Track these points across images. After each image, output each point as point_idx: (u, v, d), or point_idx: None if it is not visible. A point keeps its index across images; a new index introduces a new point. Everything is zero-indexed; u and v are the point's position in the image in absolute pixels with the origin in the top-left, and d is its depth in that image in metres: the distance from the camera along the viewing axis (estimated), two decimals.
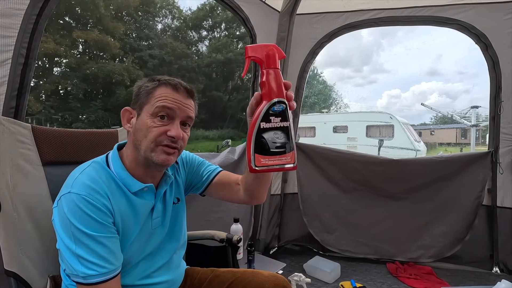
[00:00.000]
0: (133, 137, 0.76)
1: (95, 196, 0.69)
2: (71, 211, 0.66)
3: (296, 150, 0.55)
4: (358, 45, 58.53)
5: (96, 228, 0.67)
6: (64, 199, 0.68)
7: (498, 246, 2.09)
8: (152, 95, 0.75)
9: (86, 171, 0.73)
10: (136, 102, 0.77)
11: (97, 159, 0.79)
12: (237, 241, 1.13)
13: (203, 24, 22.86)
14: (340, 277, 1.98)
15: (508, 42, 1.97)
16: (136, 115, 0.77)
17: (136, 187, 0.76)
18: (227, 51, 20.77)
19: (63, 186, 0.73)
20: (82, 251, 0.65)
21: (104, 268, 0.67)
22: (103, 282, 0.67)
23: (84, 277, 0.66)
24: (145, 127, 0.73)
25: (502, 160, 2.07)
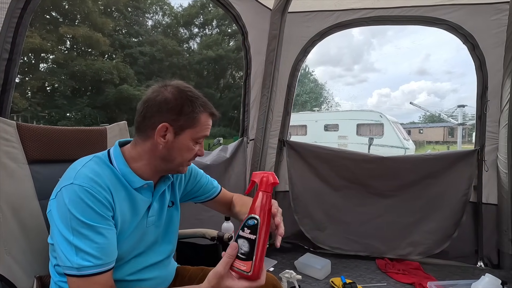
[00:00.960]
0: (165, 152, 0.78)
1: (97, 189, 0.69)
2: (72, 202, 0.66)
3: (257, 262, 0.60)
4: (349, 44, 59.06)
5: (96, 219, 0.67)
6: (65, 190, 0.68)
7: (483, 242, 2.15)
8: (197, 122, 0.78)
9: (89, 165, 0.73)
10: (176, 120, 0.76)
11: (98, 154, 0.78)
12: (228, 239, 1.13)
13: (195, 21, 22.64)
14: (331, 273, 2.00)
15: (495, 43, 2.02)
16: (174, 134, 0.77)
17: (138, 183, 0.78)
18: (218, 48, 20.65)
19: (63, 178, 0.72)
20: (79, 241, 0.65)
21: (100, 260, 0.66)
22: (97, 275, 0.66)
23: (79, 268, 0.65)
24: (185, 149, 0.79)
25: (488, 158, 2.13)
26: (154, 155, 0.78)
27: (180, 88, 0.78)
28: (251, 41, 2.15)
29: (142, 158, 0.79)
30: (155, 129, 0.75)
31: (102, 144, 1.16)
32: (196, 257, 1.15)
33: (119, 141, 0.83)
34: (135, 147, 0.80)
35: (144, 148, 0.78)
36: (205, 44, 21.51)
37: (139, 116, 0.78)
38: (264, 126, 2.27)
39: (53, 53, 16.21)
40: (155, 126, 0.75)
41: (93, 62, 16.93)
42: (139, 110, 0.78)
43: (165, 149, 0.77)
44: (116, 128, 1.23)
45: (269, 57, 2.23)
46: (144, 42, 20.31)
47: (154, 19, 22.92)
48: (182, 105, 0.76)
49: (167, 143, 0.76)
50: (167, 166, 0.80)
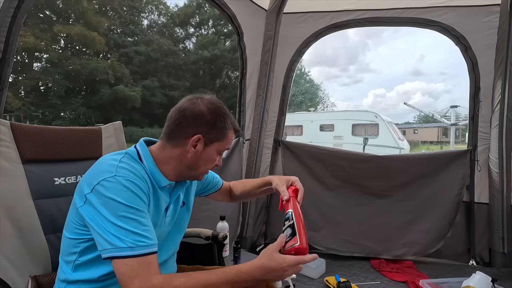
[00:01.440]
0: (193, 161, 0.82)
1: (139, 181, 0.73)
2: (118, 192, 0.68)
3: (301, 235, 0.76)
4: (344, 45, 59.36)
5: (141, 205, 0.71)
6: (107, 183, 0.69)
7: (475, 240, 2.18)
8: (226, 136, 0.83)
9: (125, 161, 0.76)
10: (208, 133, 0.80)
11: (128, 151, 0.82)
12: (223, 239, 1.14)
13: (190, 21, 22.58)
14: (325, 272, 2.02)
15: (486, 44, 2.06)
16: (203, 145, 0.81)
17: (164, 182, 0.81)
18: (214, 48, 20.61)
19: (97, 173, 0.73)
20: (129, 225, 0.67)
21: (151, 240, 0.69)
22: (150, 254, 0.67)
23: (133, 247, 0.65)
24: (210, 160, 0.84)
25: (480, 158, 2.16)
26: (181, 162, 0.82)
27: (215, 104, 0.82)
28: (246, 42, 2.16)
29: (169, 162, 0.82)
30: (188, 139, 0.79)
31: (97, 144, 1.16)
32: (191, 256, 1.15)
33: (144, 139, 0.87)
34: (163, 151, 0.82)
35: (172, 154, 0.81)
36: (201, 44, 21.46)
37: (173, 124, 0.80)
38: (259, 126, 2.28)
39: (47, 52, 16.04)
40: (188, 136, 0.79)
41: (87, 61, 16.80)
42: (172, 118, 0.81)
43: (193, 158, 0.81)
44: (111, 128, 1.22)
45: (264, 57, 2.24)
46: (139, 41, 20.20)
47: (149, 18, 22.82)
48: (216, 120, 0.80)
49: (196, 153, 0.81)
50: (189, 173, 0.85)
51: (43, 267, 0.91)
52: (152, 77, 19.51)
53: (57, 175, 0.99)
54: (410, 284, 1.86)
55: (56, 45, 17.11)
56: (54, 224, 0.95)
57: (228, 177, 2.16)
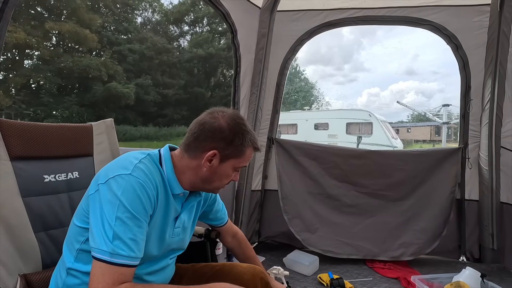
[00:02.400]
0: (208, 175, 0.82)
1: (150, 186, 0.74)
2: (125, 191, 0.70)
3: None
4: (339, 43, 59.65)
5: (141, 213, 0.71)
6: (120, 179, 0.71)
7: (465, 237, 2.22)
8: (243, 154, 0.82)
9: (144, 162, 0.77)
10: (224, 149, 0.80)
11: (151, 153, 0.82)
12: (216, 236, 1.14)
13: (185, 19, 22.42)
14: (318, 269, 2.03)
15: (477, 44, 2.08)
16: (219, 160, 0.80)
17: (178, 190, 0.82)
18: (208, 46, 20.50)
19: (115, 166, 0.75)
20: (120, 229, 0.67)
21: (133, 252, 0.69)
22: (126, 266, 0.68)
23: (113, 254, 0.66)
24: (225, 176, 0.84)
25: (471, 156, 2.19)
26: (196, 174, 0.82)
27: (236, 121, 0.81)
28: (240, 39, 2.15)
29: (186, 172, 0.83)
30: (204, 153, 0.79)
31: (88, 141, 1.15)
32: (184, 254, 1.14)
33: (169, 145, 0.88)
34: (181, 160, 0.83)
35: (189, 165, 0.82)
36: (195, 42, 21.34)
37: (192, 136, 0.81)
38: (253, 124, 2.27)
39: (39, 49, 15.78)
40: (205, 150, 0.79)
41: (80, 59, 16.57)
42: (192, 130, 0.81)
43: (208, 172, 0.81)
44: (103, 125, 1.21)
45: (258, 55, 2.23)
46: (133, 39, 20.00)
47: (143, 16, 22.61)
48: (234, 137, 0.80)
49: (211, 168, 0.81)
50: (204, 186, 0.86)
51: (33, 266, 0.89)
52: (145, 75, 19.35)
53: (47, 172, 0.98)
54: (402, 280, 1.88)
55: (48, 42, 16.85)
56: (44, 222, 0.94)
57: None
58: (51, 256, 0.93)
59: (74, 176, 1.05)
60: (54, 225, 0.96)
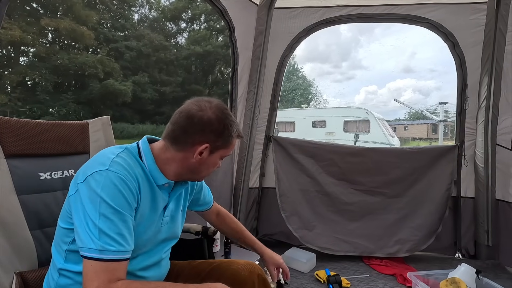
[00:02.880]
0: (197, 166, 0.82)
1: (130, 179, 0.73)
2: (105, 187, 0.68)
3: None
4: (337, 41, 59.66)
5: (125, 207, 0.70)
6: (98, 175, 0.70)
7: (461, 234, 2.24)
8: (230, 144, 0.84)
9: (122, 156, 0.76)
10: (215, 141, 0.80)
11: (129, 147, 0.81)
12: (213, 233, 1.14)
13: (182, 16, 22.28)
14: (316, 266, 2.04)
15: (473, 41, 2.09)
16: (209, 152, 0.81)
17: (162, 181, 0.81)
18: (206, 43, 20.41)
19: (93, 164, 0.74)
20: (105, 226, 0.67)
21: (122, 247, 0.68)
22: (117, 261, 0.67)
23: (102, 251, 0.65)
24: (212, 165, 0.86)
25: (467, 153, 2.21)
26: (183, 166, 0.82)
27: (223, 112, 0.81)
28: (238, 36, 2.14)
29: (170, 164, 0.82)
30: (194, 146, 0.79)
31: (84, 138, 1.14)
32: (181, 251, 1.14)
33: (147, 137, 0.87)
34: (165, 152, 0.82)
35: (175, 157, 0.81)
36: (193, 40, 21.23)
37: (180, 129, 0.79)
38: (250, 121, 2.27)
39: (34, 46, 15.62)
40: (195, 143, 0.79)
41: (76, 56, 16.42)
42: (179, 123, 0.79)
43: (197, 163, 0.81)
44: (99, 122, 1.20)
45: (255, 52, 2.23)
46: (130, 36, 19.85)
47: (140, 13, 22.44)
48: (223, 129, 0.80)
49: (201, 159, 0.81)
50: (190, 176, 0.86)
51: (28, 264, 0.89)
52: (142, 72, 19.24)
53: (43, 170, 0.98)
54: (398, 277, 1.90)
55: (44, 39, 16.68)
56: (40, 220, 0.93)
57: (220, 172, 2.15)
58: (47, 254, 0.92)
59: (70, 174, 1.04)
60: (50, 223, 0.95)
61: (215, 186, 2.06)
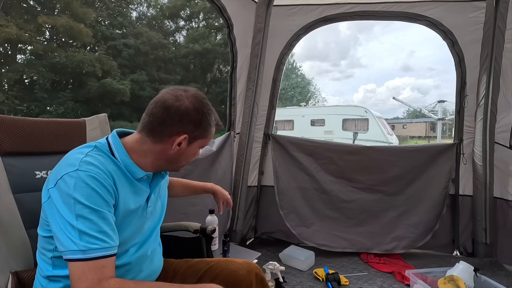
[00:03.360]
0: (176, 157, 0.81)
1: (103, 176, 0.71)
2: (78, 188, 0.66)
3: None
4: (336, 39, 59.59)
5: (101, 204, 0.69)
6: (68, 177, 0.68)
7: (459, 232, 2.24)
8: (208, 133, 0.83)
9: (92, 154, 0.74)
10: (193, 132, 0.79)
11: (98, 144, 0.78)
12: (211, 232, 1.14)
13: (181, 14, 22.17)
14: (314, 264, 2.04)
15: (472, 39, 2.09)
16: (188, 142, 0.80)
17: (140, 174, 0.80)
18: (205, 42, 20.33)
19: (62, 166, 0.72)
20: (84, 226, 0.65)
21: (106, 243, 0.67)
22: (104, 258, 0.66)
23: (85, 251, 0.64)
24: (191, 155, 0.85)
25: (465, 151, 2.21)
26: (161, 157, 0.81)
27: (201, 101, 0.80)
28: (236, 34, 2.13)
29: (147, 156, 0.80)
30: (172, 137, 0.78)
31: (81, 136, 1.13)
32: (179, 250, 1.14)
33: (116, 130, 0.84)
34: (141, 144, 0.80)
35: (152, 149, 0.80)
36: (191, 38, 21.12)
37: (156, 121, 0.77)
38: (249, 119, 2.26)
39: (31, 44, 15.51)
40: (173, 134, 0.77)
41: (74, 54, 16.32)
42: (156, 114, 0.77)
43: (176, 154, 0.81)
44: (96, 120, 1.20)
45: (254, 50, 2.22)
46: (128, 34, 19.74)
47: (138, 10, 22.28)
48: (202, 118, 0.79)
49: (180, 150, 0.80)
50: (170, 167, 0.86)
51: (24, 263, 0.88)
52: (141, 70, 19.17)
53: (39, 168, 0.97)
54: (396, 275, 1.90)
55: (41, 36, 16.56)
56: (36, 218, 0.91)
57: (219, 170, 2.15)
58: None
59: None
60: None
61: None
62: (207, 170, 2.05)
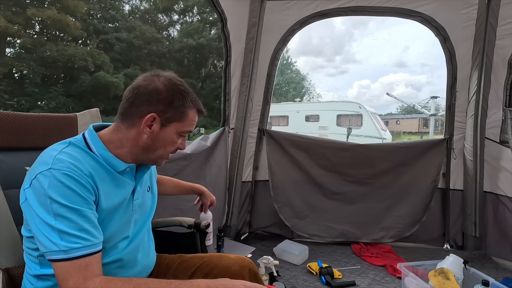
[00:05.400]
0: (149, 142, 0.77)
1: (79, 173, 0.67)
2: (53, 187, 0.64)
3: None
4: (330, 35, 59.59)
5: (79, 202, 0.66)
6: (42, 177, 0.65)
7: (449, 225, 2.29)
8: (185, 116, 0.78)
9: (66, 151, 0.70)
10: (164, 112, 0.75)
11: (73, 140, 0.75)
12: (205, 227, 1.14)
13: (174, 7, 21.86)
14: (308, 258, 2.07)
15: (464, 36, 2.11)
16: (160, 125, 0.76)
17: (121, 167, 0.77)
18: (199, 36, 20.11)
19: (36, 165, 0.69)
20: (64, 225, 0.63)
21: (88, 241, 0.65)
22: (87, 256, 0.64)
23: (66, 250, 0.62)
24: (169, 141, 0.79)
25: (456, 146, 2.25)
26: (137, 144, 0.77)
27: (173, 81, 0.77)
28: (230, 28, 2.11)
29: (124, 145, 0.77)
30: (142, 118, 0.74)
31: (72, 131, 1.11)
32: (173, 245, 1.14)
33: (93, 125, 0.81)
34: (117, 133, 0.77)
35: (127, 136, 0.77)
36: (185, 32, 20.88)
37: (126, 102, 0.75)
38: (243, 115, 2.26)
39: (20, 37, 15.15)
40: (142, 115, 0.74)
41: (65, 47, 15.99)
42: (126, 96, 0.76)
43: (149, 139, 0.76)
44: (88, 115, 1.18)
45: (248, 45, 2.20)
46: (120, 28, 19.41)
47: (131, 3, 21.92)
48: (173, 98, 0.75)
49: (152, 134, 0.76)
50: (147, 157, 0.80)
51: (15, 259, 0.87)
52: (134, 65, 18.90)
53: (29, 163, 0.93)
54: (388, 268, 1.93)
55: (31, 30, 16.19)
56: None
57: (214, 166, 2.15)
58: None
59: None
60: None
61: (209, 180, 2.05)
62: (202, 166, 2.04)
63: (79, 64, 15.75)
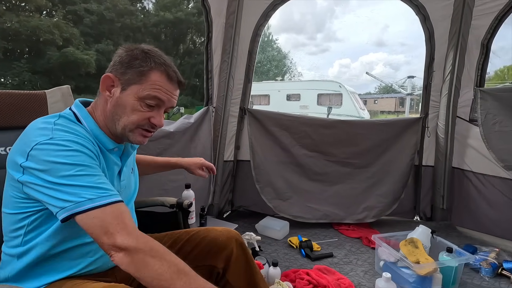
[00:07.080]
0: (112, 109, 0.73)
1: (82, 140, 0.66)
2: (58, 153, 0.61)
3: None
4: (312, 11, 58.53)
5: (91, 162, 0.65)
6: (43, 146, 0.61)
7: (420, 199, 2.44)
8: (145, 78, 0.71)
9: (60, 123, 0.68)
10: (123, 74, 0.72)
11: (63, 114, 0.72)
12: (188, 206, 1.14)
13: None
14: (289, 234, 2.14)
15: (443, 15, 2.13)
16: (120, 88, 0.72)
17: (110, 145, 0.75)
18: (176, 10, 19.07)
19: (28, 140, 0.63)
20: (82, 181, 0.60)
21: (111, 190, 0.63)
22: (118, 203, 0.62)
23: (93, 199, 0.59)
24: (129, 107, 0.72)
25: (430, 125, 2.34)
26: (105, 115, 0.74)
27: (140, 47, 0.74)
28: (211, 2, 2.00)
29: (101, 119, 0.75)
30: (104, 82, 0.73)
31: (41, 110, 1.05)
32: (156, 225, 1.14)
33: (80, 100, 0.78)
34: (96, 108, 0.76)
35: (99, 105, 0.75)
36: (162, 5, 19.70)
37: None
38: (225, 93, 2.21)
39: None
40: (104, 79, 0.73)
41: (27, 18, 14.67)
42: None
43: (112, 106, 0.73)
44: (58, 92, 1.11)
45: (229, 20, 2.12)
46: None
47: None
48: (132, 58, 0.72)
49: (113, 98, 0.73)
50: (115, 128, 0.74)
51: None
52: (107, 39, 17.76)
53: None
54: (363, 239, 2.05)
55: None
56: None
57: (199, 145, 2.12)
58: None
59: None
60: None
61: None
62: (187, 146, 2.00)
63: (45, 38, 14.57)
